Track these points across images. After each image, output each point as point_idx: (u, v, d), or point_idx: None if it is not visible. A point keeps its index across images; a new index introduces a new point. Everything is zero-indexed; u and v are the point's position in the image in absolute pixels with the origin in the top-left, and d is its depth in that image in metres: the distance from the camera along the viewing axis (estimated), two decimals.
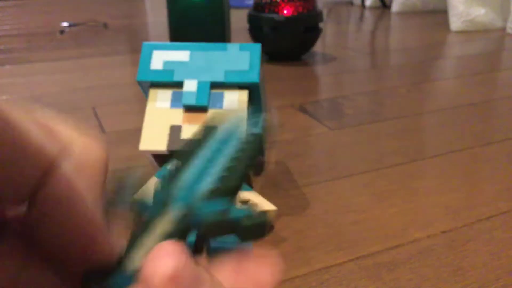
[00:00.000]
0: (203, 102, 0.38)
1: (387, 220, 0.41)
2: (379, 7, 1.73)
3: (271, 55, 0.98)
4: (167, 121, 0.38)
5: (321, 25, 0.98)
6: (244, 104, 0.37)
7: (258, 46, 0.39)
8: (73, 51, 1.11)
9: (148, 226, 0.14)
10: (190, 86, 0.38)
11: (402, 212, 0.43)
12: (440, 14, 1.47)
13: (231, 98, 0.38)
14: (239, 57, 0.39)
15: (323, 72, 0.92)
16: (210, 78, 0.38)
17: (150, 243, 0.14)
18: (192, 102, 0.38)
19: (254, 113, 0.19)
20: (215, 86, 0.38)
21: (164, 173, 0.16)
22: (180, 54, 0.39)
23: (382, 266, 0.36)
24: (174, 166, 0.16)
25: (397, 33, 1.31)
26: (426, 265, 0.36)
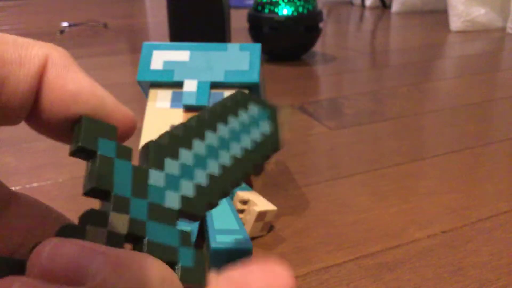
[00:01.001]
0: (203, 102, 0.38)
1: (387, 220, 0.41)
2: (379, 7, 1.73)
3: (271, 55, 0.98)
4: (167, 121, 0.38)
5: (321, 25, 0.98)
6: None
7: (258, 46, 0.39)
8: (73, 51, 1.11)
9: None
10: (190, 86, 0.38)
11: (402, 212, 0.43)
12: (440, 14, 1.47)
13: None
14: (239, 57, 0.39)
15: (323, 72, 0.92)
16: (210, 78, 0.38)
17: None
18: (192, 102, 0.38)
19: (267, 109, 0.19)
20: (215, 86, 0.38)
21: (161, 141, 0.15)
22: (180, 54, 0.39)
23: (382, 266, 0.36)
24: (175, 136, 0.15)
25: (397, 33, 1.31)
26: (426, 265, 0.36)
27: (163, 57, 0.39)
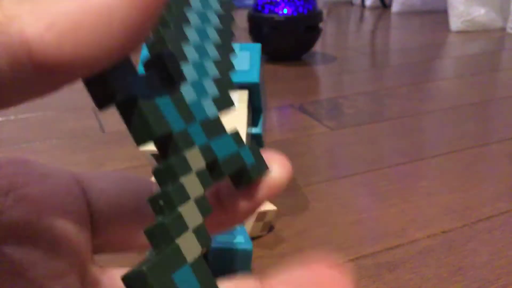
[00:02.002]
0: None
1: (387, 220, 0.41)
2: (379, 7, 1.73)
3: (271, 55, 0.98)
4: None
5: (321, 25, 0.98)
6: (244, 104, 0.37)
7: (258, 46, 0.39)
8: None
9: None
10: None
11: (402, 212, 0.43)
12: (440, 14, 1.47)
13: None
14: (239, 57, 0.39)
15: (323, 72, 0.92)
16: None
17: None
18: None
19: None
20: None
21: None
22: None
23: (382, 266, 0.36)
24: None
25: (397, 33, 1.31)
26: (426, 265, 0.36)
27: None
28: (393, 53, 1.07)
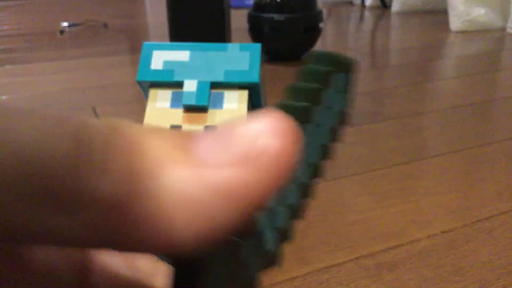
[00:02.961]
0: (203, 102, 0.38)
1: (387, 220, 0.41)
2: (379, 7, 1.73)
3: (271, 55, 0.98)
4: (167, 121, 0.38)
5: (321, 25, 0.98)
6: (244, 104, 0.38)
7: (258, 46, 0.39)
8: (73, 51, 1.11)
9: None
10: (190, 86, 0.38)
11: (402, 212, 0.43)
12: (440, 14, 1.47)
13: (231, 98, 0.38)
14: (239, 57, 0.39)
15: None
16: (210, 78, 0.38)
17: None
18: (192, 102, 0.38)
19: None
20: (215, 86, 0.38)
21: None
22: (180, 54, 0.39)
23: (382, 266, 0.36)
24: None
25: (397, 33, 1.31)
26: (426, 265, 0.36)
27: (163, 57, 0.39)
28: (393, 53, 1.07)
